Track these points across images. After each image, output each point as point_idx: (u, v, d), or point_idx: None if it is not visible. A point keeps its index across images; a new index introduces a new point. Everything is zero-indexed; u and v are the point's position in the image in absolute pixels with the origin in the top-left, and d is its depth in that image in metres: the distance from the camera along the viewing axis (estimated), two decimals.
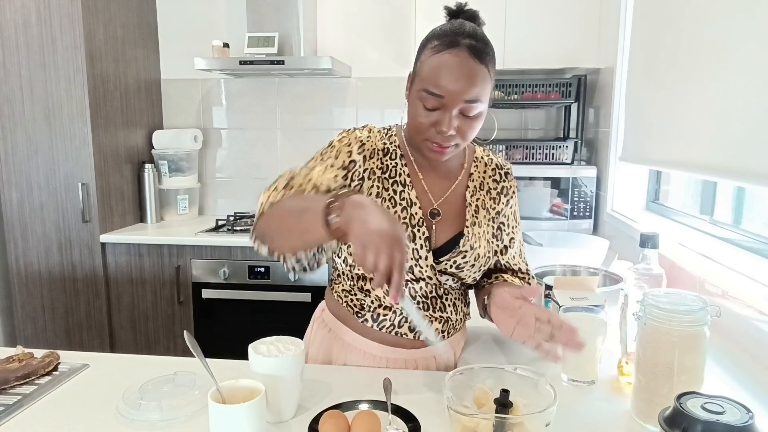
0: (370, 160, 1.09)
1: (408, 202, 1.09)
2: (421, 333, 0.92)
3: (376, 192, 1.09)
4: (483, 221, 1.15)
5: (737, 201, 1.58)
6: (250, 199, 2.99)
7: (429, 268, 1.09)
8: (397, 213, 1.08)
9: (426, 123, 1.01)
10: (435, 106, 0.99)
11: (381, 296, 1.11)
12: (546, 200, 2.42)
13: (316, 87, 2.84)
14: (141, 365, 1.11)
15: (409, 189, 1.10)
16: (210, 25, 2.85)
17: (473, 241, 1.12)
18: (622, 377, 1.05)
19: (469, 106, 0.99)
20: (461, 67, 0.97)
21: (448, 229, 1.12)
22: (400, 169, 1.11)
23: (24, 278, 2.51)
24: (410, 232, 1.07)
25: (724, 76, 1.35)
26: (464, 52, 0.97)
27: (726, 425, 0.64)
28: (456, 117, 1.00)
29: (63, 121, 2.37)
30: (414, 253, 1.07)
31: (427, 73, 1.00)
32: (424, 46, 1.03)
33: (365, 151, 1.09)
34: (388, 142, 1.14)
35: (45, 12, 2.30)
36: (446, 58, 0.98)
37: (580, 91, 2.43)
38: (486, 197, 1.16)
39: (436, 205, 1.12)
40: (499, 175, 1.19)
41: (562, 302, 1.13)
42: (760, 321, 1.16)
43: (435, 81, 0.98)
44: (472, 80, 0.98)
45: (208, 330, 2.48)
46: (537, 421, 0.76)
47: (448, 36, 0.99)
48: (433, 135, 1.02)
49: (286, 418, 0.91)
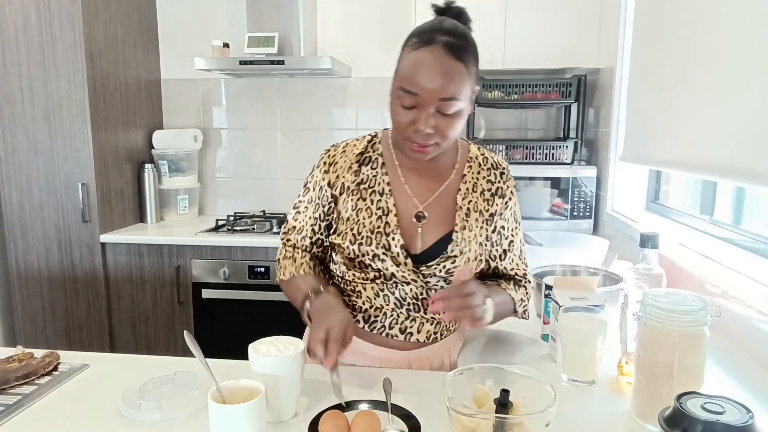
0: (343, 177, 1.13)
1: (384, 210, 1.10)
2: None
3: (352, 204, 1.11)
4: (474, 224, 1.13)
5: (737, 201, 1.58)
6: (250, 199, 2.99)
7: (411, 272, 1.09)
8: (372, 222, 1.09)
9: (404, 122, 1.00)
10: (411, 104, 0.98)
11: (371, 297, 1.12)
12: (546, 200, 2.42)
13: (316, 87, 2.84)
14: (141, 365, 1.11)
15: (387, 197, 1.11)
16: (210, 25, 2.85)
17: (463, 245, 1.10)
18: (622, 377, 1.05)
19: (445, 104, 0.97)
20: (436, 65, 0.96)
21: (435, 232, 1.11)
22: (380, 177, 1.12)
23: (24, 278, 2.51)
24: (385, 241, 1.08)
25: (724, 76, 1.35)
26: (440, 49, 0.96)
27: (726, 425, 0.64)
28: (433, 115, 0.98)
29: (63, 121, 2.37)
30: (393, 260, 1.08)
31: (403, 70, 1.00)
32: (404, 44, 1.03)
33: (335, 170, 1.14)
34: (371, 150, 1.15)
35: (45, 12, 2.30)
36: (422, 56, 0.97)
37: (580, 91, 2.43)
38: (479, 199, 1.14)
39: (422, 208, 1.11)
40: (494, 176, 1.16)
41: (562, 302, 1.13)
42: (760, 321, 1.16)
43: (410, 79, 0.97)
44: (448, 78, 0.96)
45: (208, 330, 2.48)
46: (537, 421, 0.76)
47: (426, 33, 0.99)
48: (411, 134, 1.01)
49: (286, 418, 0.91)
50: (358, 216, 1.10)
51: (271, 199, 2.96)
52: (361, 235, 1.09)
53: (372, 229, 1.09)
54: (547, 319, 1.25)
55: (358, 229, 1.09)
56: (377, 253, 1.08)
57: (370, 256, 1.08)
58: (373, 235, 1.08)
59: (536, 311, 1.43)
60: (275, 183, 2.96)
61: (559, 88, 2.43)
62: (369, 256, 1.08)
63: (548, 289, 1.23)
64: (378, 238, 1.08)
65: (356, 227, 1.09)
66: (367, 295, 1.13)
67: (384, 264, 1.09)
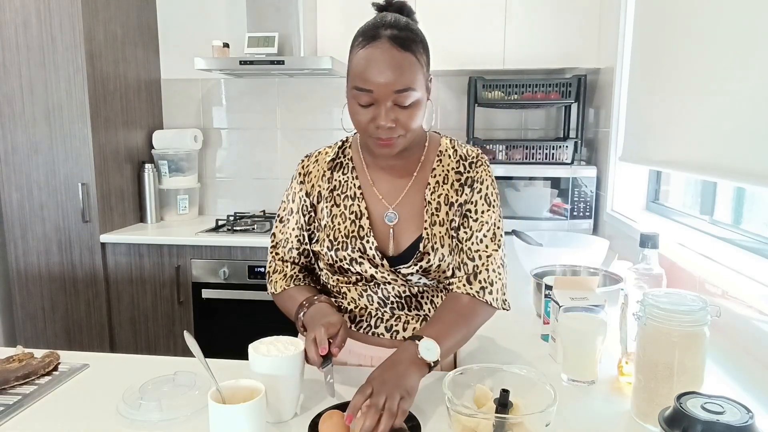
0: (318, 185, 1.15)
1: (357, 214, 1.11)
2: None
3: (327, 211, 1.13)
4: (445, 218, 1.10)
5: (737, 201, 1.58)
6: (250, 199, 2.99)
7: (390, 273, 1.10)
8: (347, 227, 1.10)
9: (364, 120, 1.01)
10: (368, 101, 0.99)
11: (356, 298, 1.14)
12: (546, 200, 2.42)
13: (316, 87, 2.84)
14: (141, 365, 1.11)
15: (359, 201, 1.12)
16: (210, 25, 2.85)
17: (434, 241, 1.08)
18: (622, 377, 1.05)
19: (401, 96, 0.97)
20: (384, 59, 0.96)
21: (409, 231, 1.11)
22: (351, 182, 1.13)
23: (24, 278, 2.51)
24: (360, 245, 1.09)
25: (723, 76, 1.35)
26: (386, 43, 0.97)
27: (726, 425, 0.64)
28: (391, 109, 0.98)
29: (63, 121, 2.37)
30: (370, 263, 1.09)
31: (354, 70, 1.00)
32: (352, 45, 1.03)
33: (311, 180, 1.15)
34: (342, 156, 1.17)
35: (45, 12, 2.30)
36: (369, 52, 0.97)
37: (580, 91, 2.43)
38: (450, 191, 1.11)
39: (392, 209, 1.11)
40: (463, 167, 1.13)
41: (562, 302, 1.13)
42: (760, 321, 1.16)
43: (362, 76, 0.97)
44: (399, 70, 0.96)
45: (208, 330, 2.48)
46: (537, 421, 0.76)
47: (370, 30, 0.99)
48: (374, 131, 1.01)
49: (286, 418, 0.91)
50: (334, 222, 1.12)
51: (271, 199, 2.96)
52: (338, 241, 1.10)
53: (347, 234, 1.10)
54: (547, 319, 1.25)
55: (334, 235, 1.11)
56: (354, 257, 1.09)
57: (347, 261, 1.10)
58: (349, 240, 1.10)
59: (536, 311, 1.44)
60: (275, 183, 2.95)
61: (559, 88, 2.43)
62: (347, 260, 1.10)
63: (548, 289, 1.23)
64: (353, 242, 1.09)
65: (332, 233, 1.11)
66: (352, 296, 1.14)
67: (362, 267, 1.10)
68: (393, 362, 0.91)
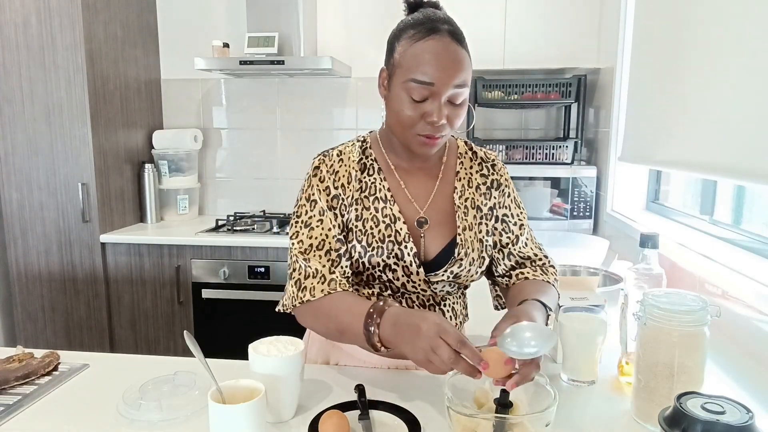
0: (349, 186, 1.06)
1: (391, 218, 1.05)
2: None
3: (356, 215, 1.05)
4: (474, 222, 1.10)
5: (737, 201, 1.58)
6: (250, 199, 2.99)
7: (422, 282, 1.06)
8: (381, 231, 1.04)
9: (415, 116, 0.97)
10: (424, 95, 0.96)
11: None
12: (546, 200, 2.42)
13: (316, 87, 2.84)
14: (141, 365, 1.11)
15: (391, 204, 1.06)
16: (210, 25, 2.85)
17: (466, 247, 1.07)
18: (622, 377, 1.05)
19: (457, 91, 0.96)
20: (448, 52, 0.95)
21: (439, 238, 1.07)
22: (380, 183, 1.07)
23: (24, 278, 2.51)
24: (398, 250, 1.04)
25: (723, 76, 1.35)
26: (447, 37, 0.96)
27: (726, 425, 0.64)
28: (445, 105, 0.97)
29: (63, 121, 2.37)
30: (404, 270, 1.05)
31: (411, 62, 0.96)
32: (399, 38, 1.00)
33: (339, 179, 1.06)
34: (364, 156, 1.10)
35: (45, 12, 2.30)
36: (430, 44, 0.95)
37: (580, 91, 2.43)
38: (476, 194, 1.11)
39: (422, 213, 1.08)
40: (487, 168, 1.14)
41: (562, 302, 1.13)
42: (760, 321, 1.16)
43: (422, 68, 0.94)
44: (460, 64, 0.95)
45: (208, 330, 2.48)
46: (537, 421, 0.76)
47: (426, 23, 0.97)
48: (422, 127, 0.98)
49: (286, 418, 0.91)
50: (366, 226, 1.05)
51: (271, 199, 2.96)
52: (371, 246, 1.04)
53: (382, 238, 1.04)
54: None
55: (368, 240, 1.04)
56: (389, 263, 1.04)
57: (381, 267, 1.04)
58: (385, 245, 1.04)
59: None
60: (275, 183, 2.96)
61: (559, 88, 2.43)
62: (380, 266, 1.04)
63: None
64: (390, 247, 1.04)
65: (365, 238, 1.04)
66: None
67: (395, 274, 1.05)
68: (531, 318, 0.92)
